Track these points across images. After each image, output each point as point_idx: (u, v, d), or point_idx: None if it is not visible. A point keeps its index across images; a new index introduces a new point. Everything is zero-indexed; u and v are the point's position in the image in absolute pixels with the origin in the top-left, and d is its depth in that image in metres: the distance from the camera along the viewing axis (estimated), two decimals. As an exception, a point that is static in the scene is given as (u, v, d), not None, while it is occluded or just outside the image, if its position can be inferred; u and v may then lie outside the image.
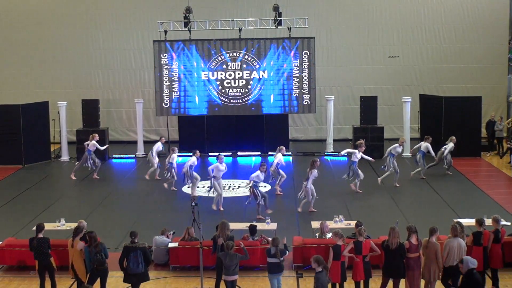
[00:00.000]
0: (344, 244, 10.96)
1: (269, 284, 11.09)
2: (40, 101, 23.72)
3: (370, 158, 18.98)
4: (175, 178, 18.99)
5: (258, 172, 16.19)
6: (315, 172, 16.48)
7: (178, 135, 25.44)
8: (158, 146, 20.40)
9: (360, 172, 18.33)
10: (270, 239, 11.61)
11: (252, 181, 16.11)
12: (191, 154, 18.35)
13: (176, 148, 19.36)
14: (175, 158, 18.96)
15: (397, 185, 19.06)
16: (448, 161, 20.18)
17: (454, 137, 20.15)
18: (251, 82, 23.47)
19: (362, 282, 11.05)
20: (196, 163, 18.10)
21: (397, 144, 19.17)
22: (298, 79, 23.40)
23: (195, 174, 18.13)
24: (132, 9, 27.06)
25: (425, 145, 19.83)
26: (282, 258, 10.96)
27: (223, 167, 16.91)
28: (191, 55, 23.44)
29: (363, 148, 18.53)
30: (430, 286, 10.91)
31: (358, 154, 18.33)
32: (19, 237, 14.27)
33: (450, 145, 19.95)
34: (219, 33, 24.25)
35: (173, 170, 18.83)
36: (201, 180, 18.54)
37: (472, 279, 9.46)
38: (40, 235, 11.51)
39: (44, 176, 21.46)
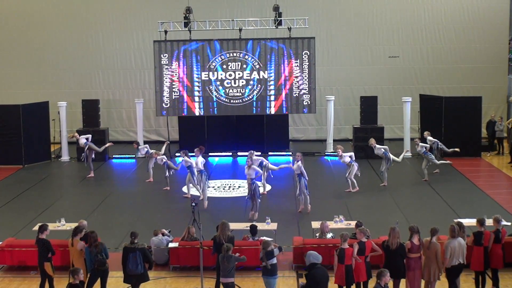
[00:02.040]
0: (347, 247, 10.85)
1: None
2: (40, 101, 23.72)
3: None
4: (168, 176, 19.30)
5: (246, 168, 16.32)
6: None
7: (178, 135, 25.44)
8: (141, 150, 20.48)
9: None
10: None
11: (251, 179, 16.13)
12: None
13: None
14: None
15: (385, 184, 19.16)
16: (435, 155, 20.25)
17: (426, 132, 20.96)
18: (251, 82, 23.47)
19: (362, 283, 11.03)
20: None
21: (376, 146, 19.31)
22: (298, 79, 23.40)
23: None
24: (132, 9, 27.05)
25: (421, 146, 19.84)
26: (269, 261, 10.87)
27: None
28: (191, 55, 23.44)
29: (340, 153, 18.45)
30: (430, 286, 10.92)
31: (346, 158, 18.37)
32: (19, 237, 14.28)
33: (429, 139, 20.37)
34: (219, 33, 24.24)
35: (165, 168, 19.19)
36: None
37: (312, 273, 9.67)
38: (42, 236, 11.49)
39: (44, 176, 21.45)
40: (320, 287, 9.78)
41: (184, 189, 18.71)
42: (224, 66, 23.43)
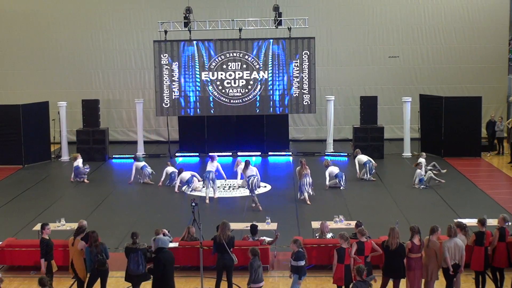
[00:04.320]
0: (348, 247, 10.87)
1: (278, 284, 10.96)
2: (40, 101, 23.70)
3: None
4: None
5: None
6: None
7: (178, 135, 25.44)
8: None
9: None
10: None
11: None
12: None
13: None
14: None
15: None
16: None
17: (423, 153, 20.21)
18: (251, 82, 23.46)
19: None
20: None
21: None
22: (298, 79, 23.39)
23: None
24: (132, 9, 27.04)
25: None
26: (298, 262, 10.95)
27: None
28: (191, 55, 23.43)
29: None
30: (429, 286, 10.92)
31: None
32: (19, 237, 14.29)
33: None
34: (219, 33, 24.24)
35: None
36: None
37: (159, 257, 10.37)
38: (43, 235, 11.50)
39: (44, 176, 21.45)
40: (166, 270, 10.41)
41: (184, 189, 18.74)
42: (224, 66, 23.42)
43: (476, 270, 11.42)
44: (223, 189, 19.19)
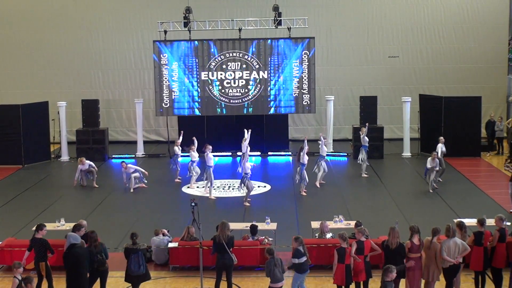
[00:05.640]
0: (348, 247, 10.87)
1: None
2: (40, 101, 23.71)
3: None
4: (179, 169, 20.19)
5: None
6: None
7: (177, 135, 25.39)
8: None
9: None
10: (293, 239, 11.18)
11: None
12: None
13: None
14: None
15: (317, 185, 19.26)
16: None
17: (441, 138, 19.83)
18: (251, 82, 23.46)
19: (362, 282, 11.03)
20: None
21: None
22: (298, 79, 23.39)
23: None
24: (132, 9, 27.05)
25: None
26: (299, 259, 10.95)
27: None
28: (191, 55, 23.42)
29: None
30: (429, 286, 10.92)
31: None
32: (19, 237, 14.28)
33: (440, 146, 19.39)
34: (219, 33, 24.24)
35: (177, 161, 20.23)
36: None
37: (72, 252, 10.79)
38: (38, 236, 11.50)
39: (44, 176, 21.45)
40: (80, 264, 10.82)
41: (184, 189, 18.74)
42: (224, 66, 23.42)
43: (475, 270, 11.43)
44: (223, 189, 19.19)
